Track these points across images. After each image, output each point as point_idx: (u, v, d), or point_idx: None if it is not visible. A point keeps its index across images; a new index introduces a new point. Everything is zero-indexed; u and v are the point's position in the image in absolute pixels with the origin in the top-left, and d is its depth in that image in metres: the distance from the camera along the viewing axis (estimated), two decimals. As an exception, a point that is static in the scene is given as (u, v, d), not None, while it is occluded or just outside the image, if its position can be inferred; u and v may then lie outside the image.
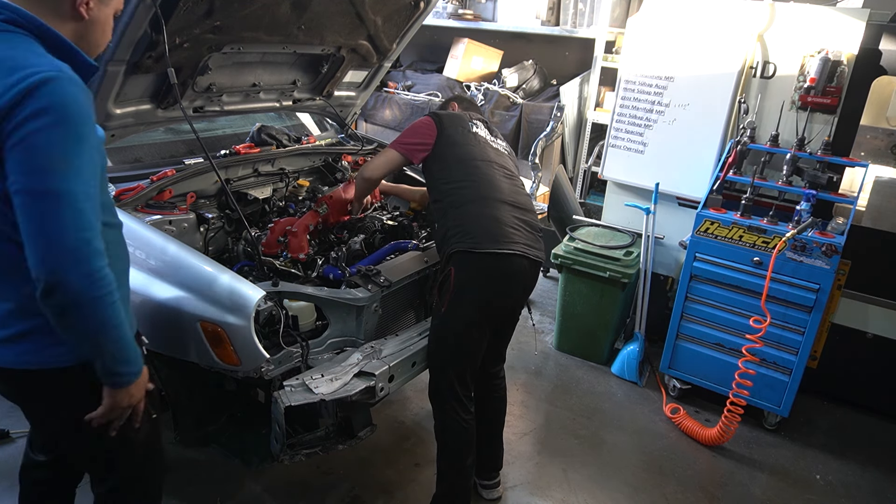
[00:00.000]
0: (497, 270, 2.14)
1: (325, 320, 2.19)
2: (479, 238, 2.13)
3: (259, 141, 2.86)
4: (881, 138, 3.06)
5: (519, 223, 2.23)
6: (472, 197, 2.21)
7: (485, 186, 2.24)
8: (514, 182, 2.37)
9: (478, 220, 2.17)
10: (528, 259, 2.19)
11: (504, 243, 2.13)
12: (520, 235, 2.19)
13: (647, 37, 3.43)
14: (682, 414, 3.10)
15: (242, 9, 2.19)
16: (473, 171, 2.27)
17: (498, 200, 2.23)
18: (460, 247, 2.13)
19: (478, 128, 2.45)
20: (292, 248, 2.38)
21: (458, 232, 2.16)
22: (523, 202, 2.33)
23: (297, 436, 2.06)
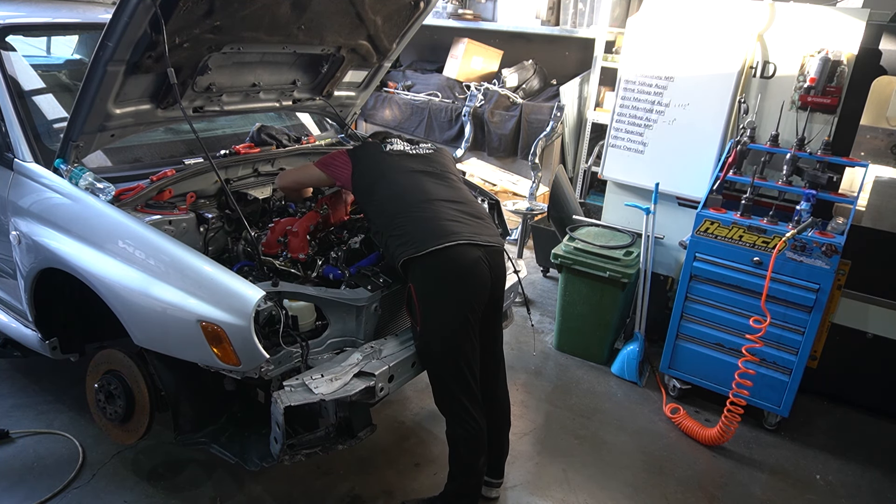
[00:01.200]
0: (448, 266, 2.12)
1: (325, 320, 2.19)
2: (419, 241, 2.11)
3: (259, 141, 2.86)
4: (881, 138, 3.06)
5: (458, 214, 2.22)
6: (401, 208, 2.21)
7: (410, 195, 2.24)
8: (446, 181, 2.38)
9: (413, 224, 2.16)
10: (479, 246, 2.16)
11: (445, 236, 2.12)
12: (461, 225, 2.18)
13: (647, 37, 3.43)
14: (682, 414, 3.10)
15: (242, 9, 2.19)
16: (395, 186, 2.27)
17: (427, 201, 2.23)
18: (405, 255, 2.11)
19: (392, 145, 2.46)
20: (292, 248, 2.39)
21: (399, 243, 2.15)
22: (458, 196, 2.33)
23: (297, 436, 2.06)
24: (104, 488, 2.44)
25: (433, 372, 2.22)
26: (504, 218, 2.94)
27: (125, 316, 2.08)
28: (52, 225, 2.23)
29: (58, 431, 2.69)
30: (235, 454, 2.17)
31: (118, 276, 2.06)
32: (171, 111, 2.42)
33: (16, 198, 2.34)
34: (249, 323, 1.87)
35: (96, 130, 2.24)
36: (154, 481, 2.49)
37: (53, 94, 2.67)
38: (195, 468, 2.57)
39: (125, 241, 2.07)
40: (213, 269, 1.98)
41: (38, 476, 2.46)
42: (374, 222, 2.29)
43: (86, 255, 2.13)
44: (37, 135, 2.39)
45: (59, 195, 2.22)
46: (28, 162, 2.32)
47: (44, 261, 2.26)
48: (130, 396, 2.24)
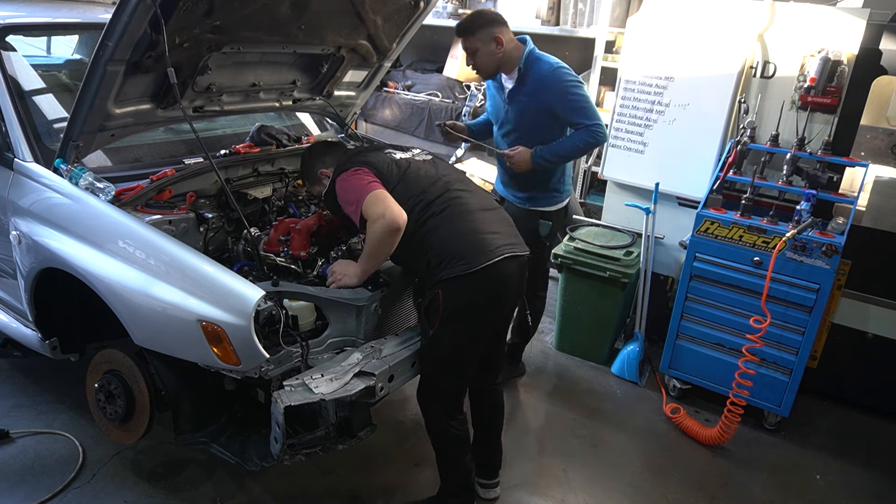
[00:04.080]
0: (490, 286, 2.07)
1: (325, 320, 2.19)
2: (468, 258, 2.03)
3: (259, 141, 2.86)
4: (881, 138, 3.06)
5: (495, 223, 2.17)
6: (443, 221, 2.11)
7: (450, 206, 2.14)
8: (470, 186, 2.29)
9: (458, 240, 2.07)
10: (515, 259, 2.12)
11: (491, 251, 2.05)
12: (500, 237, 2.12)
13: (647, 37, 3.43)
14: (682, 414, 3.10)
15: (242, 9, 2.19)
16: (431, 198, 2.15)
17: (468, 212, 2.14)
18: (450, 273, 2.04)
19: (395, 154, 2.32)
20: (294, 246, 2.39)
21: (442, 259, 2.06)
22: (489, 202, 2.27)
23: (297, 436, 2.06)
24: (104, 488, 2.44)
25: (429, 374, 2.22)
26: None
27: (125, 316, 2.08)
28: (53, 225, 2.23)
29: (58, 431, 2.69)
30: (235, 454, 2.17)
31: (118, 275, 2.06)
32: (171, 111, 2.42)
33: (16, 198, 2.34)
34: (249, 323, 1.87)
35: (96, 130, 2.24)
36: (154, 481, 2.49)
37: (53, 94, 2.67)
38: (195, 468, 2.57)
39: (125, 240, 2.07)
40: (213, 269, 1.98)
41: (38, 476, 2.46)
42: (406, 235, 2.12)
43: (86, 255, 2.13)
44: (37, 135, 2.39)
45: (60, 195, 2.22)
46: (28, 162, 2.32)
47: (44, 261, 2.26)
48: (130, 396, 2.24)
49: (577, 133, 2.76)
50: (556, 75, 2.72)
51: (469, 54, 2.76)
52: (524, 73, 2.74)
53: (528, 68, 2.74)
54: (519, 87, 2.78)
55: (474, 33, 2.68)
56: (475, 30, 2.67)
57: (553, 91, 2.72)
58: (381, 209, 2.05)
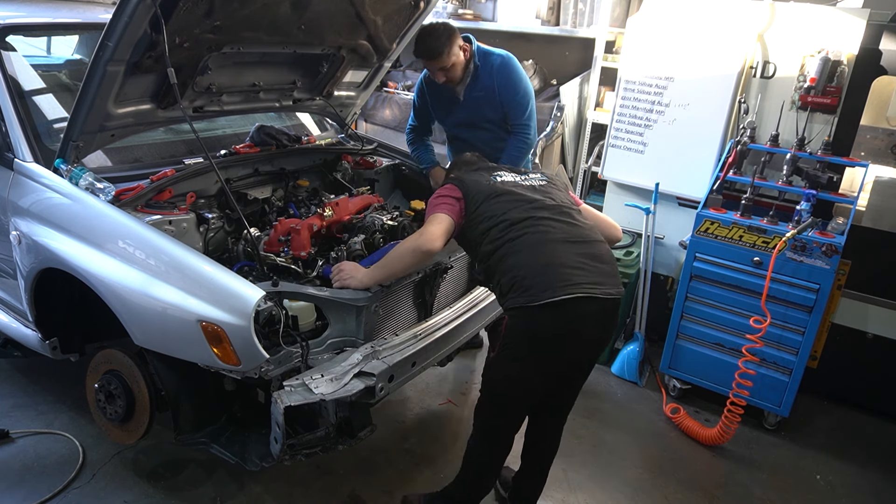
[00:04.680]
0: (556, 324, 1.93)
1: (325, 320, 2.19)
2: (535, 289, 1.91)
3: (259, 141, 2.86)
4: (881, 138, 3.06)
5: (581, 259, 1.99)
6: (520, 247, 2.00)
7: (530, 232, 2.02)
8: (567, 216, 2.12)
9: (528, 267, 1.96)
10: (596, 300, 1.94)
11: (563, 287, 1.90)
12: (583, 274, 1.95)
13: (647, 37, 3.43)
14: (682, 414, 3.10)
15: (242, 9, 2.18)
16: (512, 221, 2.04)
17: (549, 241, 2.01)
18: (515, 303, 1.96)
19: (502, 176, 2.25)
20: (294, 246, 2.39)
21: (511, 287, 1.97)
22: (579, 235, 2.08)
23: (297, 436, 2.06)
24: (104, 488, 2.44)
25: (481, 393, 2.20)
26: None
27: (125, 316, 2.08)
28: (53, 225, 2.23)
29: (58, 431, 2.69)
30: (235, 454, 2.17)
31: (118, 276, 2.05)
32: (171, 111, 2.42)
33: (16, 198, 2.34)
34: (249, 323, 1.87)
35: (96, 130, 2.24)
36: (154, 481, 2.49)
37: (53, 94, 2.67)
38: (195, 468, 2.57)
39: (125, 241, 2.07)
40: (213, 269, 1.98)
41: (38, 476, 2.46)
42: (485, 257, 2.07)
43: (86, 255, 2.13)
44: (37, 135, 2.39)
45: (59, 195, 2.21)
46: (28, 162, 2.32)
47: (44, 261, 2.26)
48: (130, 396, 2.24)
49: (510, 142, 2.90)
50: (506, 68, 2.84)
51: (444, 71, 2.77)
52: (478, 71, 2.84)
53: (481, 65, 2.84)
54: (472, 84, 2.87)
55: (448, 50, 2.70)
56: (447, 46, 2.70)
57: (503, 82, 2.83)
58: (424, 228, 2.09)
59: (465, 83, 2.87)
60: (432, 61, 2.73)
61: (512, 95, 2.84)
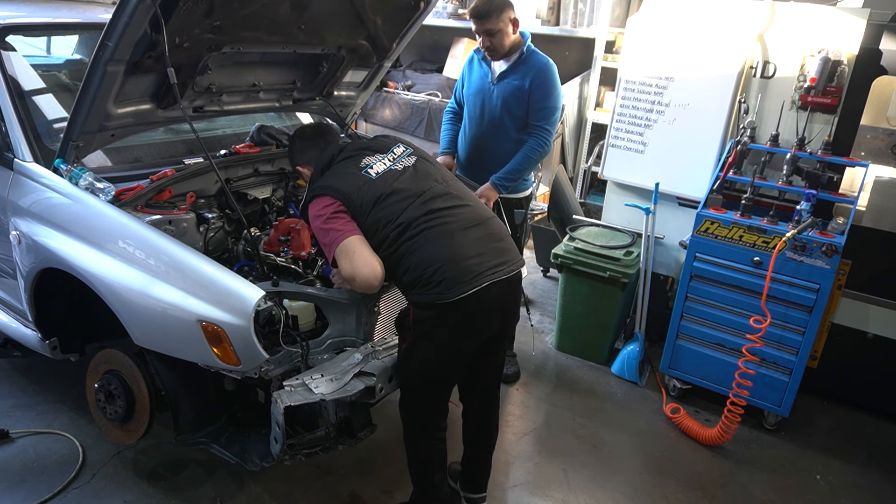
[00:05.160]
0: (464, 316, 1.94)
1: (325, 320, 2.19)
2: (442, 286, 1.89)
3: (259, 141, 2.87)
4: (881, 138, 3.06)
5: (481, 245, 1.99)
6: (420, 243, 1.95)
7: (429, 227, 1.97)
8: (455, 197, 2.08)
9: (433, 266, 1.91)
10: (497, 284, 1.96)
11: (469, 282, 1.90)
12: (485, 260, 1.96)
13: (647, 37, 3.43)
14: (682, 414, 3.10)
15: (242, 9, 2.19)
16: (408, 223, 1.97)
17: (448, 234, 1.97)
18: (423, 299, 1.93)
19: (372, 166, 2.10)
20: (294, 246, 2.39)
21: (415, 282, 1.93)
22: (475, 216, 2.06)
23: (297, 436, 2.06)
24: (104, 488, 2.44)
25: (403, 387, 2.16)
26: (505, 219, 2.94)
27: (125, 316, 2.08)
28: (52, 225, 2.23)
29: (58, 431, 2.69)
30: (235, 454, 2.17)
31: (118, 275, 2.06)
32: (171, 111, 2.42)
33: (16, 198, 2.34)
34: (249, 323, 1.87)
35: (96, 130, 2.24)
36: (154, 481, 2.49)
37: (53, 94, 2.67)
38: (195, 468, 2.57)
39: (125, 240, 2.07)
40: (213, 269, 1.98)
41: (38, 476, 2.46)
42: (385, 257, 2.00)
43: (86, 255, 2.13)
44: (37, 135, 2.39)
45: (59, 195, 2.22)
46: (28, 162, 2.32)
47: (44, 261, 2.26)
48: (130, 396, 2.24)
49: (528, 143, 2.98)
50: (549, 71, 2.97)
51: (488, 36, 2.87)
52: (525, 58, 2.95)
53: (528, 55, 2.97)
54: (512, 69, 2.97)
55: (498, 15, 2.82)
56: (499, 11, 2.82)
57: (540, 82, 2.94)
58: (351, 269, 1.94)
59: (506, 65, 2.97)
60: (480, 21, 2.84)
61: (543, 98, 2.94)
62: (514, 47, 2.95)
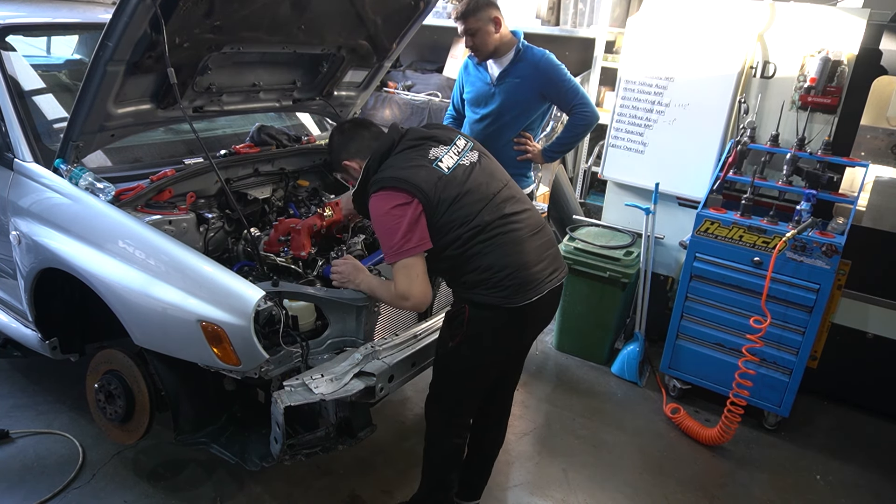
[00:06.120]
0: (521, 321, 2.00)
1: (325, 320, 2.19)
2: (508, 291, 1.91)
3: (259, 141, 2.86)
4: (881, 138, 3.06)
5: (542, 253, 2.02)
6: (492, 248, 1.93)
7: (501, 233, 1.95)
8: (518, 203, 2.06)
9: (502, 271, 1.91)
10: (553, 291, 2.03)
11: (532, 290, 1.95)
12: (545, 269, 2.00)
13: (647, 37, 3.43)
14: (682, 414, 3.10)
15: (242, 9, 2.18)
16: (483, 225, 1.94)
17: (519, 241, 1.97)
18: (484, 300, 1.93)
19: (442, 160, 1.99)
20: (294, 246, 2.39)
21: (480, 283, 1.93)
22: (537, 222, 2.07)
23: (297, 436, 2.06)
24: (104, 488, 2.44)
25: (440, 383, 2.16)
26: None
27: (125, 316, 2.08)
28: (52, 225, 2.23)
29: (58, 431, 2.69)
30: (235, 454, 2.17)
31: (118, 276, 2.06)
32: (171, 111, 2.42)
33: (16, 198, 2.34)
34: (249, 323, 1.87)
35: (96, 130, 2.24)
36: (154, 481, 2.49)
37: (53, 94, 2.67)
38: (195, 468, 2.58)
39: (125, 241, 2.07)
40: (213, 269, 1.98)
41: (38, 476, 2.46)
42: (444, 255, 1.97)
43: (86, 255, 2.13)
44: (37, 135, 2.39)
45: (59, 195, 2.22)
46: (28, 162, 2.32)
47: (44, 261, 2.26)
48: (130, 396, 2.24)
49: (569, 120, 3.04)
50: (549, 60, 2.97)
51: (469, 35, 2.89)
52: (521, 55, 2.96)
53: (524, 53, 2.96)
54: (511, 68, 2.97)
55: (475, 14, 2.84)
56: (476, 11, 2.83)
57: (547, 75, 2.96)
58: (408, 288, 1.90)
59: (503, 66, 2.97)
60: (460, 21, 2.87)
61: (559, 84, 2.96)
62: (507, 46, 2.95)
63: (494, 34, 2.89)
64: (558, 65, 2.98)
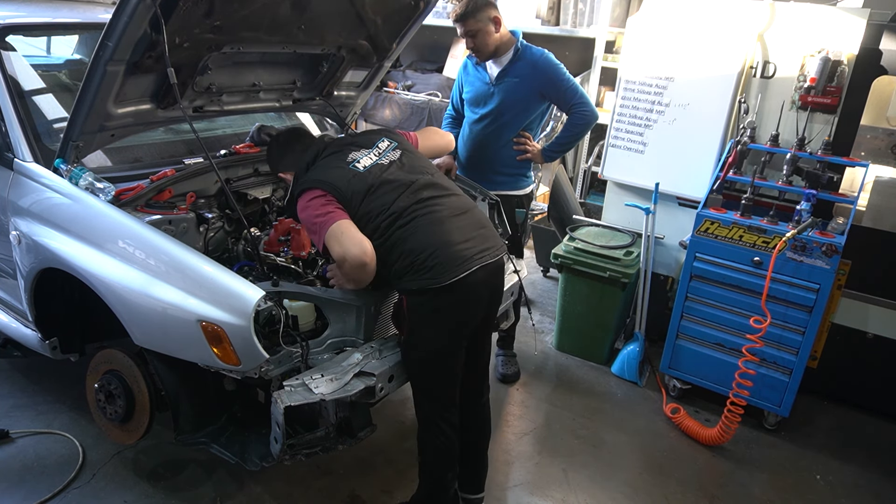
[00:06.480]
0: (456, 298, 2.01)
1: (325, 320, 2.19)
2: (434, 271, 1.96)
3: (259, 141, 2.86)
4: (881, 138, 3.06)
5: (468, 232, 2.07)
6: (412, 231, 2.02)
7: (420, 215, 2.05)
8: (442, 187, 2.16)
9: (425, 252, 1.98)
10: (486, 267, 2.05)
11: (459, 266, 1.98)
12: (473, 246, 2.04)
13: (647, 37, 3.43)
14: (682, 414, 3.10)
15: (242, 9, 2.18)
16: (399, 211, 2.04)
17: (439, 221, 2.05)
18: (415, 285, 1.99)
19: (359, 161, 2.16)
20: (294, 246, 2.39)
21: (407, 269, 1.99)
22: (462, 204, 2.15)
23: (297, 436, 2.06)
24: (104, 488, 2.44)
25: (414, 381, 2.19)
26: (504, 218, 2.94)
27: (125, 316, 2.08)
28: (52, 225, 2.23)
29: (58, 431, 2.69)
30: (235, 454, 2.17)
31: (118, 275, 2.06)
32: (171, 111, 2.42)
33: (16, 198, 2.34)
34: (249, 323, 1.87)
35: (96, 130, 2.24)
36: (154, 481, 2.49)
37: (53, 94, 2.67)
38: (195, 468, 2.58)
39: (125, 240, 2.07)
40: (213, 269, 1.98)
41: (38, 476, 2.46)
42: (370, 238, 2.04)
43: (86, 255, 2.13)
44: (37, 135, 2.39)
45: (59, 195, 2.22)
46: (28, 162, 2.32)
47: (44, 261, 2.26)
48: (130, 396, 2.24)
49: (568, 119, 3.05)
50: (547, 60, 2.99)
51: (469, 37, 2.91)
52: (520, 54, 2.97)
53: (523, 52, 2.98)
54: (510, 68, 2.98)
55: (475, 15, 2.85)
56: (475, 12, 2.85)
57: (546, 74, 2.97)
58: (341, 250, 1.96)
59: (502, 65, 2.98)
60: (460, 23, 2.89)
61: (558, 83, 2.97)
62: (506, 46, 2.96)
63: (495, 34, 2.90)
64: (557, 64, 2.98)
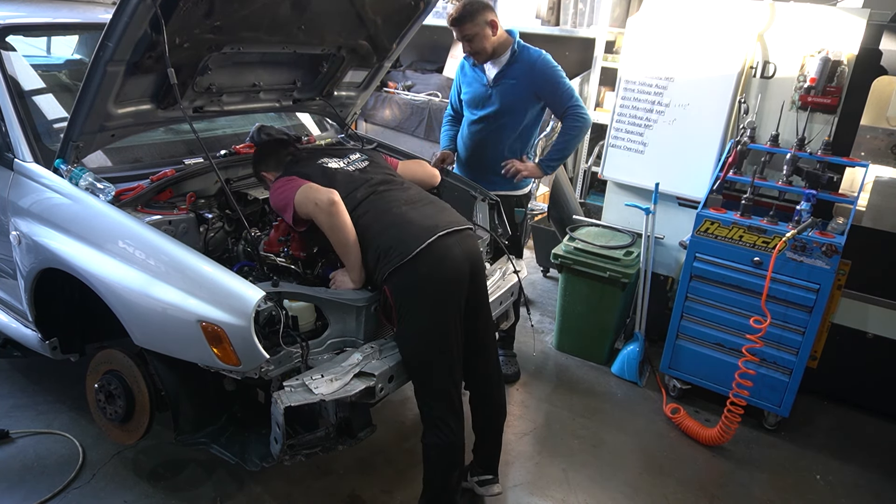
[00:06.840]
0: (432, 268, 2.08)
1: (325, 321, 2.19)
2: (399, 248, 2.07)
3: (259, 141, 2.86)
4: (881, 138, 3.06)
5: (425, 208, 2.23)
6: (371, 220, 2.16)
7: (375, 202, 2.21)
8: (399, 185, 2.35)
9: (386, 236, 2.11)
10: (453, 233, 2.14)
11: (422, 235, 2.08)
12: (432, 219, 2.17)
13: (647, 37, 3.43)
14: (682, 414, 3.10)
15: (242, 9, 2.19)
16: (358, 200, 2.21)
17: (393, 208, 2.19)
18: (388, 269, 2.07)
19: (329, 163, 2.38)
20: (294, 247, 2.39)
21: (378, 258, 2.10)
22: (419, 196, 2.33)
23: (297, 436, 2.06)
24: (104, 488, 2.44)
25: (415, 374, 2.18)
26: (504, 218, 2.95)
27: (125, 316, 2.08)
28: (53, 225, 2.23)
29: (58, 431, 2.69)
30: (235, 454, 2.17)
31: (118, 276, 2.06)
32: (171, 111, 2.42)
33: (16, 198, 2.34)
34: (249, 323, 1.87)
35: (96, 130, 2.24)
36: (154, 481, 2.50)
37: (53, 94, 2.67)
38: (195, 468, 2.58)
39: (125, 241, 2.07)
40: (213, 270, 1.98)
41: (38, 476, 2.46)
42: None
43: (86, 256, 2.13)
44: (37, 135, 2.39)
45: (59, 195, 2.22)
46: (28, 162, 2.32)
47: (44, 261, 2.26)
48: (130, 396, 2.24)
49: (563, 124, 3.03)
50: (545, 61, 2.98)
51: (467, 41, 2.90)
52: (517, 56, 2.96)
53: (520, 53, 2.97)
54: (507, 69, 2.97)
55: (471, 19, 2.84)
56: (473, 16, 2.84)
57: (544, 76, 2.97)
58: (311, 199, 2.12)
59: (499, 67, 2.98)
60: (456, 27, 2.87)
61: (554, 85, 2.97)
62: (503, 47, 2.96)
63: (492, 37, 2.89)
64: (555, 66, 2.98)
